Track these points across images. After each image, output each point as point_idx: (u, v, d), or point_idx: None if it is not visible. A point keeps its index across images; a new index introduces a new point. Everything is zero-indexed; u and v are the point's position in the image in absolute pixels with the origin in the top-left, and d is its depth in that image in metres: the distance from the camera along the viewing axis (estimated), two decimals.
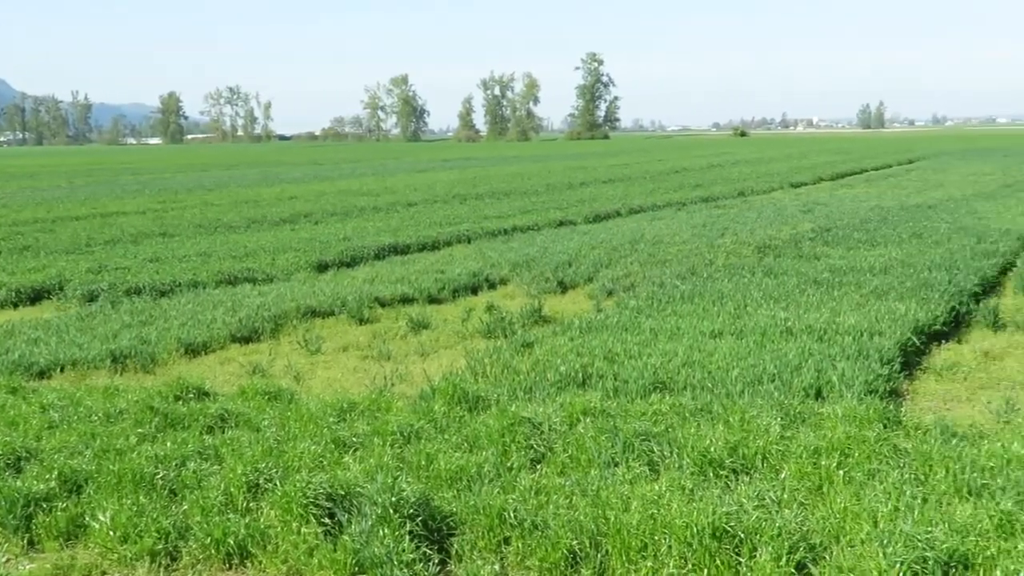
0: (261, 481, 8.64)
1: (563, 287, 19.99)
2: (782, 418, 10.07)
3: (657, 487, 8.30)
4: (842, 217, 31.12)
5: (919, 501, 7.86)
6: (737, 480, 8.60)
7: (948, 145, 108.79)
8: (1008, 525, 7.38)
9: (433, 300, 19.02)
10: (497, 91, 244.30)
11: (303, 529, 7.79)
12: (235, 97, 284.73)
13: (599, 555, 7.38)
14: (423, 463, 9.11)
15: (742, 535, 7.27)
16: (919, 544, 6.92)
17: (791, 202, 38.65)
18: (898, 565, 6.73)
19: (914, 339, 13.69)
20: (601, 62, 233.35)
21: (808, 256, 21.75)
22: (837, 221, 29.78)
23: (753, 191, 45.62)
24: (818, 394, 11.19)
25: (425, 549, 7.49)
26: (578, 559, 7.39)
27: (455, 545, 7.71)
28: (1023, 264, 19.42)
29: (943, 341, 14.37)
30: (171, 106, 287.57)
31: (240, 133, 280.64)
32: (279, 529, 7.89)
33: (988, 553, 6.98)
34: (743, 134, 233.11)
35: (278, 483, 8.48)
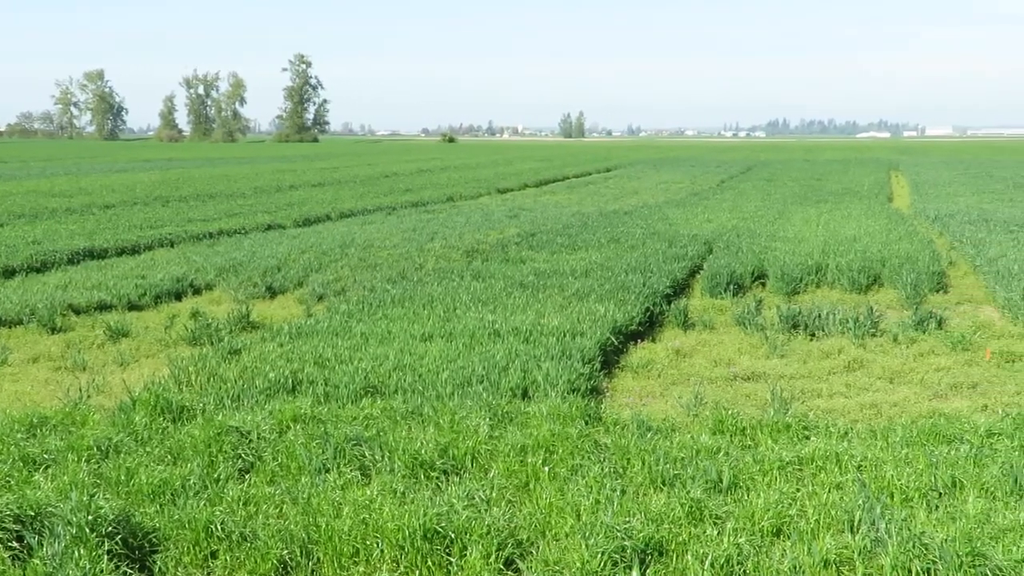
0: None
1: (272, 292, 19.60)
2: (491, 418, 10.31)
3: (369, 491, 8.30)
4: (546, 222, 32.27)
5: (618, 493, 8.27)
6: (448, 481, 8.72)
7: (642, 155, 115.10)
8: (697, 512, 7.89)
9: (134, 307, 18.13)
10: (201, 90, 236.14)
11: None
12: None
13: (310, 563, 7.29)
14: (123, 478, 8.67)
15: (453, 535, 7.39)
16: (618, 534, 7.27)
17: (498, 207, 39.68)
18: (599, 555, 7.04)
19: (613, 339, 14.38)
20: (309, 64, 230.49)
21: (514, 260, 22.38)
22: (541, 226, 30.85)
23: (462, 196, 46.50)
24: (525, 394, 11.53)
25: (125, 568, 7.12)
26: (289, 569, 7.26)
27: (158, 562, 7.38)
28: (709, 267, 20.80)
29: (639, 340, 15.17)
30: None
31: None
32: None
33: (680, 539, 7.43)
34: (452, 140, 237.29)
35: None
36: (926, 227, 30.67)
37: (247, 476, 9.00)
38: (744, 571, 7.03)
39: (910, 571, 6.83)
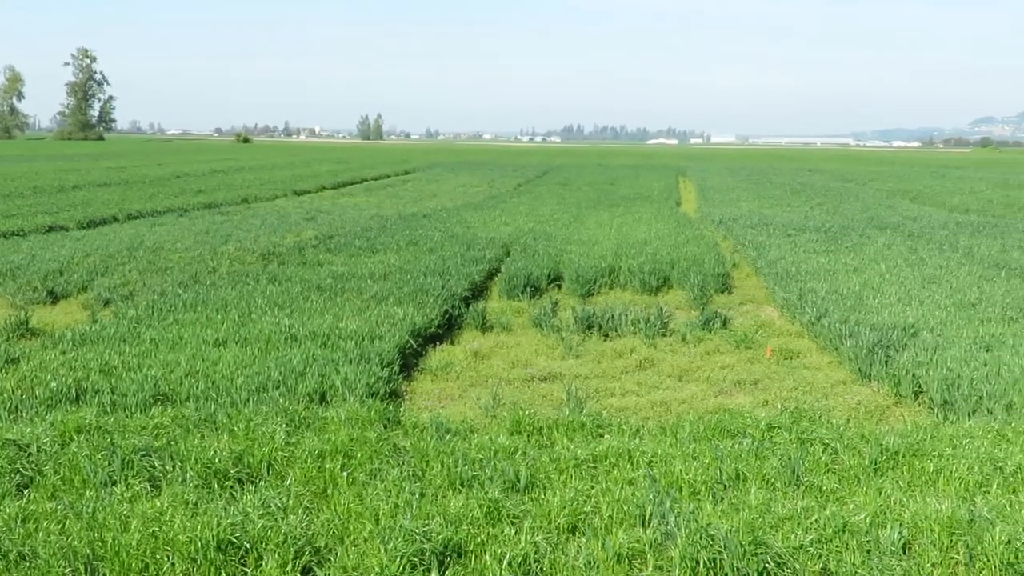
0: None
1: (55, 297, 18.64)
2: (287, 424, 10.13)
3: (159, 503, 8.01)
4: (344, 225, 31.95)
5: (417, 496, 8.26)
6: (243, 490, 8.51)
7: (441, 157, 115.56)
8: (496, 512, 7.97)
9: None
10: None
11: None
12: None
13: None
14: None
15: (248, 545, 7.22)
16: (417, 537, 7.27)
17: (295, 210, 39.04)
18: (398, 559, 7.02)
19: (412, 342, 14.37)
20: (94, 59, 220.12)
21: (312, 263, 22.07)
22: (339, 229, 30.53)
23: (257, 198, 45.51)
24: (322, 398, 11.39)
25: None
26: None
27: None
28: (507, 270, 21.06)
29: (438, 343, 15.22)
30: None
31: None
32: None
33: (479, 540, 7.49)
34: (246, 140, 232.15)
35: None
36: (712, 231, 32.01)
37: (26, 492, 8.51)
38: (541, 568, 7.15)
39: (698, 562, 7.10)
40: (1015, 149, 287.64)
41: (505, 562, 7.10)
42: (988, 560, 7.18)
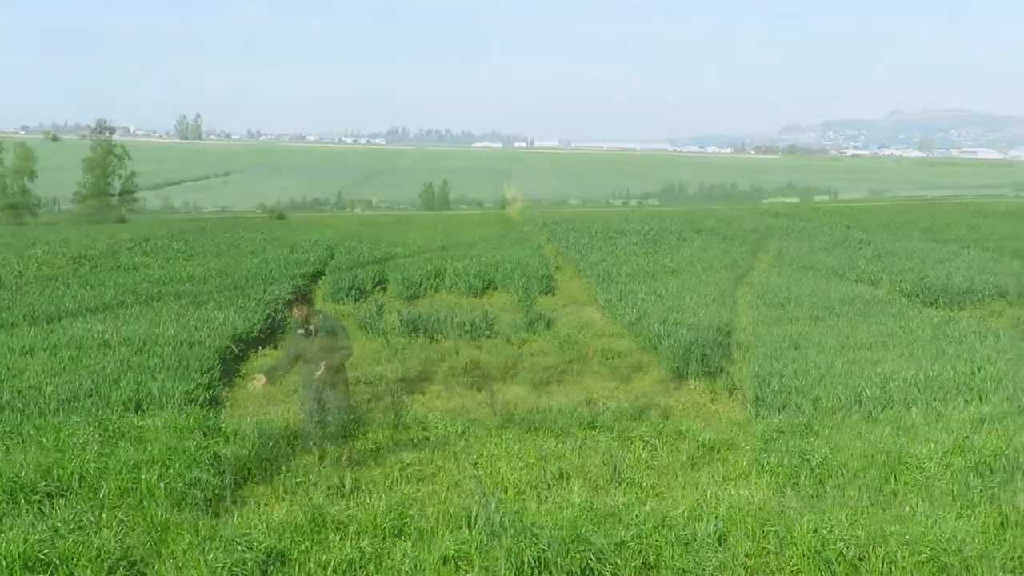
0: None
1: None
2: (101, 435, 9.76)
3: None
4: (161, 227, 30.97)
5: (239, 505, 8.07)
6: (52, 504, 8.13)
7: (264, 159, 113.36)
8: (320, 519, 7.86)
9: None
10: None
11: None
12: None
13: None
14: None
15: (58, 562, 6.90)
16: (239, 547, 7.09)
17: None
18: (219, 570, 6.83)
19: (233, 347, 14.05)
20: None
21: (127, 266, 21.33)
22: (156, 231, 29.58)
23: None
24: (138, 407, 11.00)
25: None
26: None
27: None
28: (332, 273, 20.84)
29: (261, 347, 14.91)
30: None
31: None
32: None
33: (303, 547, 7.36)
34: (56, 139, 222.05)
35: None
36: (536, 233, 32.44)
37: None
38: (366, 574, 7.07)
39: (523, 560, 7.15)
40: (819, 156, 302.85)
41: (330, 569, 7.00)
42: (797, 548, 7.50)
